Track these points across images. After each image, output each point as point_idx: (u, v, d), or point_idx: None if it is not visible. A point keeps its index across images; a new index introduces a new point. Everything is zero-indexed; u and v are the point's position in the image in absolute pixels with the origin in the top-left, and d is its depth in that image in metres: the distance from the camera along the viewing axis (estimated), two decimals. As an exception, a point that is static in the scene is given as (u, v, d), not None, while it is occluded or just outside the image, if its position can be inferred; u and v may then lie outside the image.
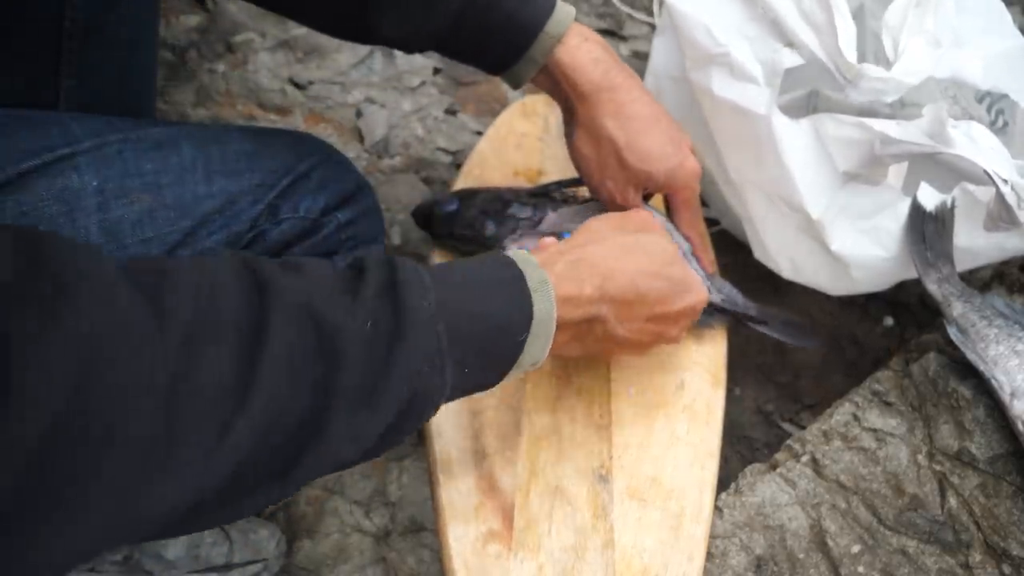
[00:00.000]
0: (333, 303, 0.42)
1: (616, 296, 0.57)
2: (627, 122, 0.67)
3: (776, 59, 0.72)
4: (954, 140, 0.67)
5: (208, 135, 0.64)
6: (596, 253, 0.57)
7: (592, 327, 0.57)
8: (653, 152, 0.68)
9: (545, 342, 0.52)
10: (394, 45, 0.65)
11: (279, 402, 0.38)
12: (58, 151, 0.56)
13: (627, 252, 0.58)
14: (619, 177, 0.69)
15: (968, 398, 0.72)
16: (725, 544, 0.66)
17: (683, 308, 0.61)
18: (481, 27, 0.64)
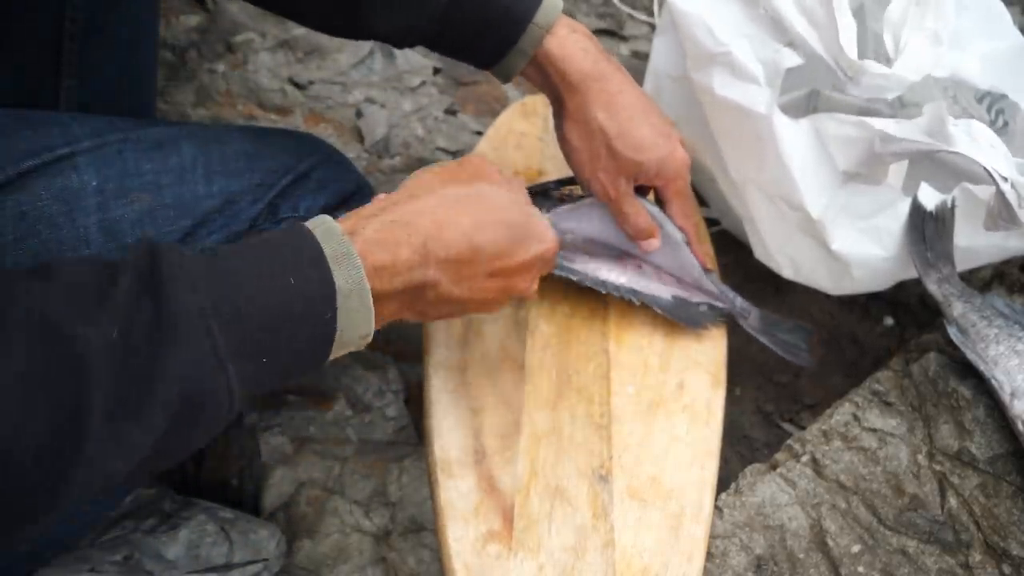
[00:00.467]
0: (74, 312, 0.38)
1: (444, 257, 0.51)
2: (617, 112, 0.67)
3: (777, 59, 0.72)
4: (954, 138, 0.67)
5: (208, 135, 0.64)
6: (416, 210, 0.52)
7: (422, 293, 0.52)
8: (644, 142, 0.67)
9: (365, 316, 0.47)
10: (386, 40, 0.65)
11: (14, 424, 0.36)
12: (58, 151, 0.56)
13: (456, 204, 0.53)
14: (610, 168, 0.68)
15: (968, 398, 0.72)
16: (725, 544, 0.66)
17: (528, 259, 0.56)
18: (471, 20, 0.63)
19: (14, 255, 0.53)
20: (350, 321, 0.47)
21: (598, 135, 0.67)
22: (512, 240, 0.55)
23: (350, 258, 0.46)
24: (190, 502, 0.74)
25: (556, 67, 0.66)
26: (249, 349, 0.42)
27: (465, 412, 0.69)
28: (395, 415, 0.84)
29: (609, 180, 0.69)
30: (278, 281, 0.44)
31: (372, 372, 0.86)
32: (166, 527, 0.70)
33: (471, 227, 0.53)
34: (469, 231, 0.52)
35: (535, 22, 0.64)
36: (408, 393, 0.86)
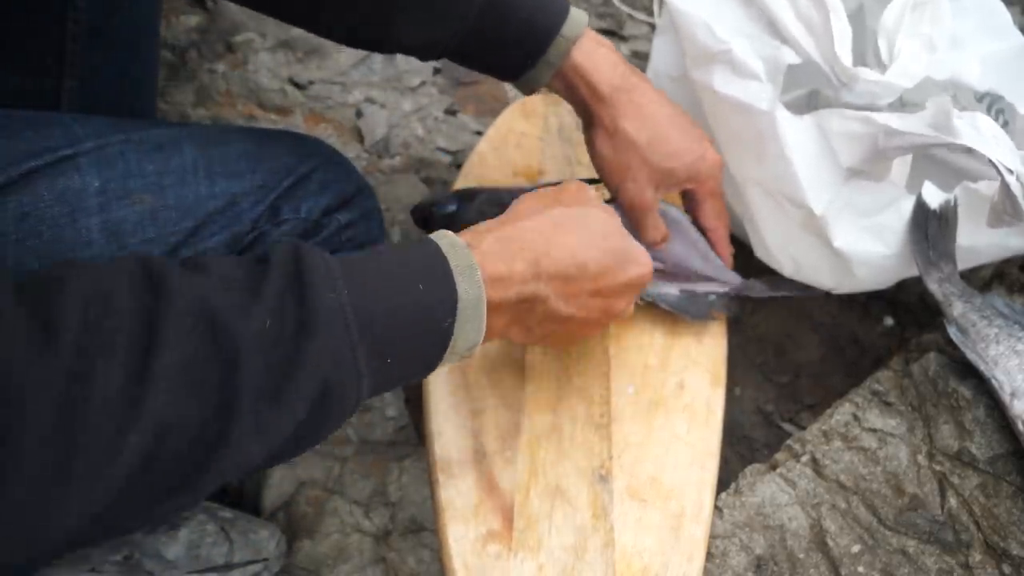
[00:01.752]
0: (231, 303, 0.41)
1: (554, 273, 0.54)
2: (647, 122, 0.68)
3: (778, 55, 0.72)
4: (959, 130, 0.67)
5: (210, 136, 0.64)
6: (528, 228, 0.54)
7: (532, 307, 0.55)
8: (674, 149, 0.69)
9: (477, 326, 0.50)
10: (412, 53, 0.65)
11: (175, 410, 0.38)
12: (60, 152, 0.56)
13: (562, 226, 0.56)
14: (640, 177, 0.69)
15: (968, 398, 0.72)
16: (725, 544, 0.66)
17: (627, 280, 0.58)
18: (499, 33, 0.64)
19: (16, 256, 0.53)
20: (463, 331, 0.49)
21: (629, 146, 0.68)
22: (614, 261, 0.57)
23: (472, 270, 0.49)
24: (190, 502, 0.74)
25: (585, 79, 0.67)
26: (377, 348, 0.45)
27: (465, 412, 0.69)
28: (395, 415, 0.84)
29: (638, 190, 0.70)
30: (408, 287, 0.47)
31: (372, 372, 0.86)
32: (166, 527, 0.70)
33: (577, 247, 0.55)
34: (575, 250, 0.55)
35: (562, 34, 0.65)
36: (408, 393, 0.86)
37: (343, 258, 0.47)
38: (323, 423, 0.45)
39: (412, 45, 0.64)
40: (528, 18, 0.64)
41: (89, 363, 0.36)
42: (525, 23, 0.64)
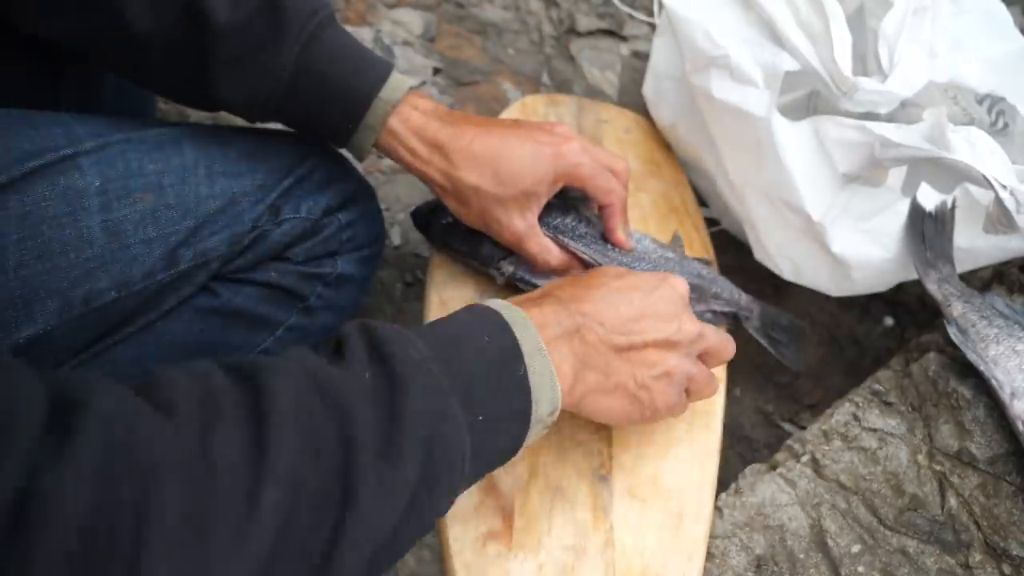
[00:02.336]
0: (325, 364, 0.43)
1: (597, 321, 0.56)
2: (479, 160, 0.64)
3: (775, 62, 0.72)
4: (954, 145, 0.67)
5: (210, 135, 0.64)
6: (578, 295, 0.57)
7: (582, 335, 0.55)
8: (520, 167, 0.65)
9: (551, 379, 0.51)
10: (238, 113, 0.63)
11: (301, 466, 0.38)
12: (61, 151, 0.56)
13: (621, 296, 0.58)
14: (498, 214, 0.66)
15: (968, 398, 0.72)
16: (725, 544, 0.66)
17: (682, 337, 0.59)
18: (315, 95, 0.62)
19: (17, 255, 0.53)
20: (541, 387, 0.51)
21: (472, 194, 0.65)
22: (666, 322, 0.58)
23: (526, 323, 0.52)
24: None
25: (405, 145, 0.65)
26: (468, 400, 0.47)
27: (465, 412, 0.69)
28: (395, 415, 0.84)
29: (506, 228, 0.67)
30: (475, 338, 0.49)
31: (372, 372, 0.86)
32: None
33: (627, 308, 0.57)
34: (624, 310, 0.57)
35: (380, 97, 0.63)
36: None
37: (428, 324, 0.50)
38: (439, 478, 0.45)
39: (232, 103, 0.62)
40: (345, 82, 0.62)
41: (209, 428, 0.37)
42: (342, 87, 0.62)
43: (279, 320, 0.67)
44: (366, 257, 0.71)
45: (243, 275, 0.64)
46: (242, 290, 0.64)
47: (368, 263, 0.72)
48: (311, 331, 0.70)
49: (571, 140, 0.67)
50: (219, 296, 0.63)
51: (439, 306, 0.75)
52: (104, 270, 0.56)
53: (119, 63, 0.62)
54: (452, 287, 0.76)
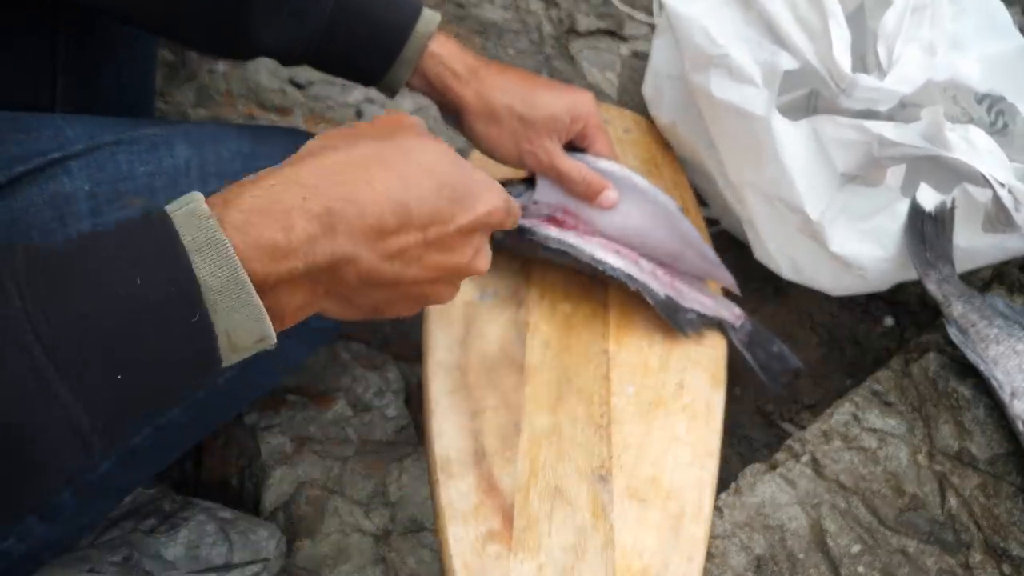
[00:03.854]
0: None
1: (360, 224, 0.41)
2: (511, 86, 0.69)
3: (774, 61, 0.72)
4: (952, 143, 0.67)
5: (204, 134, 0.64)
6: (315, 168, 0.41)
7: (338, 274, 0.42)
8: (547, 98, 0.70)
9: (252, 313, 0.38)
10: (273, 56, 0.65)
11: None
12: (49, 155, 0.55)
13: (371, 160, 0.43)
14: (531, 136, 0.70)
15: (968, 398, 0.72)
16: (725, 544, 0.66)
17: (471, 221, 0.46)
18: (353, 34, 0.64)
19: None
20: (234, 322, 0.38)
21: (504, 112, 0.69)
22: (450, 199, 0.45)
23: (218, 246, 0.37)
24: (189, 502, 0.74)
25: (446, 66, 0.68)
26: (91, 366, 0.35)
27: (465, 413, 0.69)
28: (395, 415, 0.84)
29: (537, 148, 0.71)
30: (120, 283, 0.36)
31: (372, 372, 0.86)
32: (166, 527, 0.70)
33: (394, 186, 0.42)
34: (393, 190, 0.42)
35: (417, 31, 0.66)
36: (408, 393, 0.86)
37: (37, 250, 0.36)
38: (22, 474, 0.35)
39: (269, 49, 0.63)
40: (381, 18, 0.64)
41: None
42: (379, 23, 0.64)
43: None
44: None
45: None
46: None
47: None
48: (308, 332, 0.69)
49: (589, 95, 0.72)
50: None
51: (439, 306, 0.75)
52: None
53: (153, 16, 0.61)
54: (452, 287, 0.76)
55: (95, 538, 0.69)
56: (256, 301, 0.38)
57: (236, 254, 0.37)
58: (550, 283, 0.78)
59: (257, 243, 0.38)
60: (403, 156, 0.44)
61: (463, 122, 0.71)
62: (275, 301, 0.40)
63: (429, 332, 0.74)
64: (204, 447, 0.82)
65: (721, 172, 0.81)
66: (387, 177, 0.42)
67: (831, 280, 0.79)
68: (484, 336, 0.74)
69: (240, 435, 0.81)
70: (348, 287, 0.43)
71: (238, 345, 0.39)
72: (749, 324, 0.77)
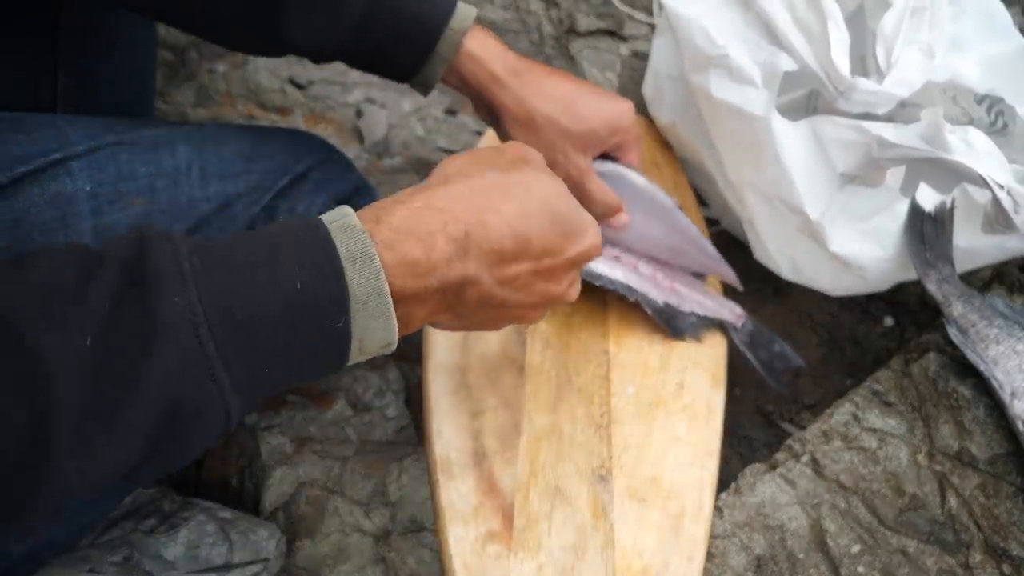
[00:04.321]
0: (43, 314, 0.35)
1: (488, 249, 0.45)
2: (553, 94, 0.67)
3: (774, 61, 0.72)
4: (951, 145, 0.67)
5: (205, 135, 0.64)
6: (455, 195, 0.45)
7: (462, 293, 0.46)
8: (590, 111, 0.68)
9: (385, 323, 0.42)
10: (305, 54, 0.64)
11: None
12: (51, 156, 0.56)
13: (498, 190, 0.46)
14: (566, 149, 0.68)
15: (968, 398, 0.72)
16: (725, 544, 0.66)
17: (576, 255, 0.50)
18: (387, 29, 0.63)
19: None
20: (368, 329, 0.41)
21: (544, 123, 0.67)
22: (562, 233, 0.48)
23: (368, 259, 0.41)
24: (190, 502, 0.74)
25: (483, 67, 0.66)
26: (245, 356, 0.38)
27: (465, 413, 0.69)
28: (395, 415, 0.84)
29: (570, 163, 0.69)
30: (281, 283, 0.39)
31: (372, 372, 0.86)
32: (166, 527, 0.70)
33: (517, 216, 0.46)
34: (515, 221, 0.46)
35: (451, 27, 0.64)
36: (408, 393, 0.86)
37: (205, 244, 0.39)
38: (183, 443, 0.39)
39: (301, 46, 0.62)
40: (415, 13, 0.63)
41: None
42: (413, 18, 0.63)
43: None
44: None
45: None
46: None
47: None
48: None
49: (630, 105, 0.71)
50: None
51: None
52: None
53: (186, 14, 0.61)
54: (452, 287, 0.76)
55: (95, 538, 0.69)
56: (392, 313, 0.42)
57: (383, 268, 0.41)
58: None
59: (403, 260, 0.42)
60: (525, 189, 0.47)
61: (500, 124, 0.70)
62: (405, 312, 0.44)
63: (429, 332, 0.74)
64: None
65: (721, 172, 0.81)
66: (512, 208, 0.46)
67: (831, 280, 0.79)
68: (484, 336, 0.74)
69: (240, 435, 0.81)
70: (466, 306, 0.47)
71: (366, 349, 0.43)
72: (750, 324, 0.77)
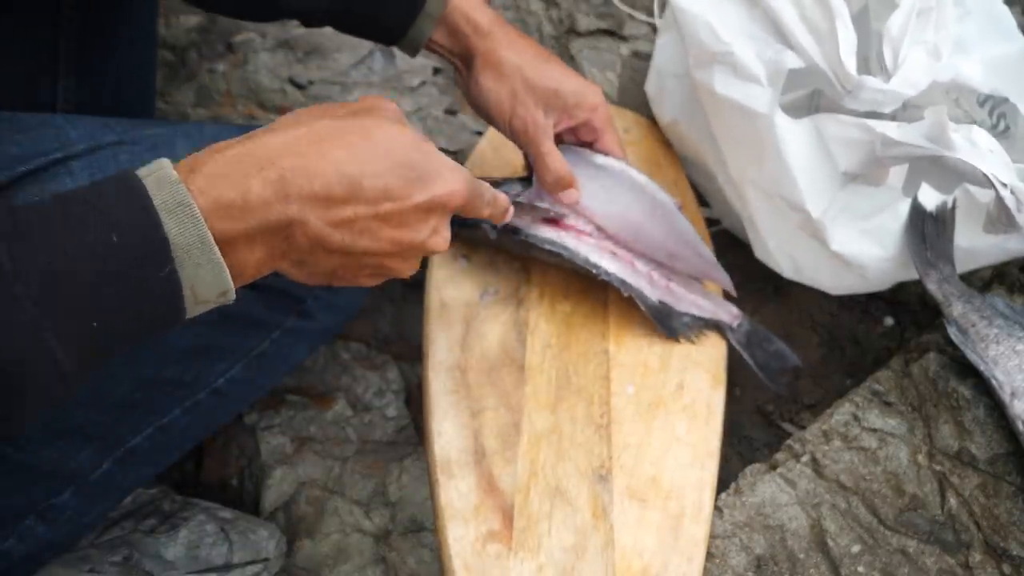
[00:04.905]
0: None
1: (309, 192, 0.44)
2: (526, 50, 0.69)
3: (779, 59, 0.72)
4: (955, 143, 0.67)
5: (204, 135, 0.64)
6: (276, 142, 0.45)
7: (290, 235, 0.45)
8: (557, 74, 0.69)
9: (214, 269, 0.42)
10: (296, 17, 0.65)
11: None
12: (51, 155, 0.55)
13: (329, 136, 0.46)
14: (528, 102, 0.69)
15: (968, 398, 0.72)
16: (725, 544, 0.66)
17: (426, 201, 0.48)
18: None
19: None
20: (198, 276, 0.41)
21: (511, 71, 0.69)
22: (402, 178, 0.47)
23: (185, 208, 0.41)
24: (189, 502, 0.74)
25: (467, 17, 0.68)
26: (68, 308, 0.38)
27: (465, 413, 0.69)
28: (395, 415, 0.84)
29: (528, 116, 0.69)
30: (98, 236, 0.39)
31: (372, 372, 0.86)
32: (166, 527, 0.70)
33: (347, 159, 0.45)
34: (344, 163, 0.45)
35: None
36: (408, 393, 0.86)
37: (19, 207, 0.39)
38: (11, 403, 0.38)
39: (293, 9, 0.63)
40: None
41: None
42: None
43: (276, 322, 0.67)
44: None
45: None
46: None
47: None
48: (308, 333, 0.69)
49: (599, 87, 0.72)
50: None
51: (439, 306, 0.75)
52: None
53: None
54: (452, 287, 0.76)
55: (95, 538, 0.69)
56: (218, 257, 0.41)
57: (200, 215, 0.41)
58: (550, 283, 0.78)
59: (217, 203, 0.42)
60: (362, 134, 0.47)
61: (470, 74, 0.70)
62: (235, 259, 0.43)
63: (429, 332, 0.74)
64: (204, 447, 0.82)
65: (722, 170, 0.81)
66: (341, 152, 0.45)
67: (831, 279, 0.79)
68: (484, 336, 0.74)
69: (240, 435, 0.81)
70: (301, 250, 0.46)
71: (201, 298, 0.42)
72: (747, 324, 0.77)
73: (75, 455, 0.60)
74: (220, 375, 0.65)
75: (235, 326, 0.65)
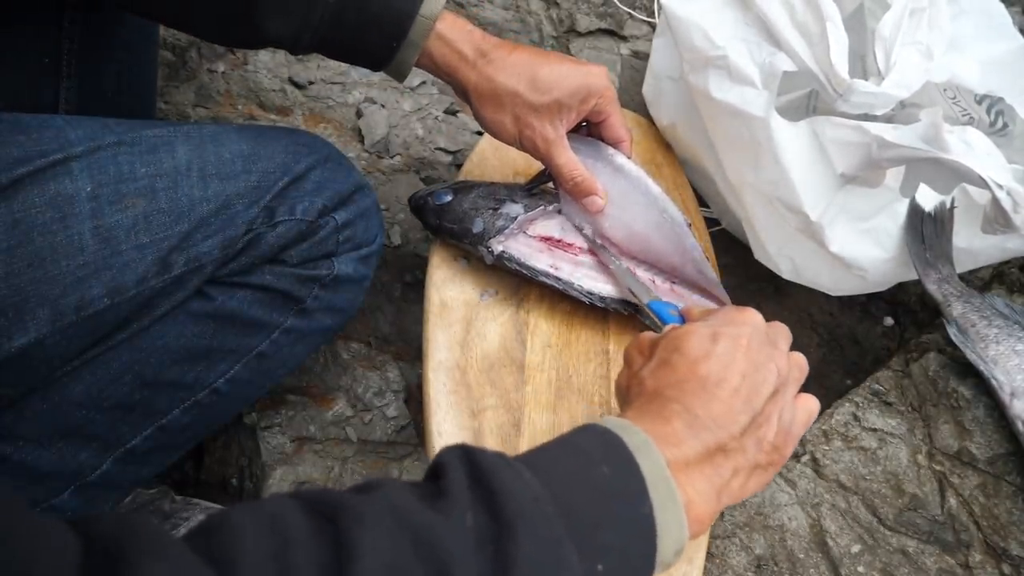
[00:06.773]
0: (420, 506, 0.37)
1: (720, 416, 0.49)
2: (518, 68, 0.69)
3: (773, 62, 0.72)
4: (950, 145, 0.67)
5: (205, 135, 0.64)
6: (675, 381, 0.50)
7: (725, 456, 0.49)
8: (555, 79, 0.69)
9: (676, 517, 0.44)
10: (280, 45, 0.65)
11: None
12: (51, 156, 0.55)
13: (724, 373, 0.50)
14: (532, 121, 0.70)
15: (968, 398, 0.72)
16: (725, 544, 0.66)
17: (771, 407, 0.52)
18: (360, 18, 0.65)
19: (7, 263, 0.52)
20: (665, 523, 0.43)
21: (508, 97, 0.69)
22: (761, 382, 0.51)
23: (648, 447, 0.45)
24: (190, 502, 0.74)
25: (452, 47, 0.68)
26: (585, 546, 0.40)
27: (465, 413, 0.69)
28: (395, 415, 0.84)
29: (536, 134, 0.70)
30: (593, 470, 0.43)
31: (372, 372, 0.86)
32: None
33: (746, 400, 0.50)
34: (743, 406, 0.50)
35: (422, 14, 0.66)
36: (408, 393, 0.86)
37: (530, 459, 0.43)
38: None
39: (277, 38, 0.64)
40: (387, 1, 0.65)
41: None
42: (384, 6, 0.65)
43: (275, 323, 0.67)
44: (364, 256, 0.71)
45: (237, 279, 0.64)
46: (236, 294, 0.64)
47: (367, 263, 0.72)
48: (308, 333, 0.69)
49: (602, 68, 0.71)
50: (213, 300, 0.63)
51: (439, 306, 0.75)
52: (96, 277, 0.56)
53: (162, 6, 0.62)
54: (452, 287, 0.76)
55: (95, 538, 0.69)
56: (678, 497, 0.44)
57: None
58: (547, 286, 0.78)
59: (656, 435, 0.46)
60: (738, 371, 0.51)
61: (468, 103, 0.71)
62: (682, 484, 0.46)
63: (429, 332, 0.74)
64: (204, 447, 0.82)
65: (720, 173, 0.81)
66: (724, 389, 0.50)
67: (831, 280, 0.79)
68: (484, 336, 0.74)
69: (240, 435, 0.81)
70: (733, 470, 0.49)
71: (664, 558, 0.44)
72: None
73: (75, 455, 0.60)
74: (220, 375, 0.65)
75: (237, 326, 0.65)
